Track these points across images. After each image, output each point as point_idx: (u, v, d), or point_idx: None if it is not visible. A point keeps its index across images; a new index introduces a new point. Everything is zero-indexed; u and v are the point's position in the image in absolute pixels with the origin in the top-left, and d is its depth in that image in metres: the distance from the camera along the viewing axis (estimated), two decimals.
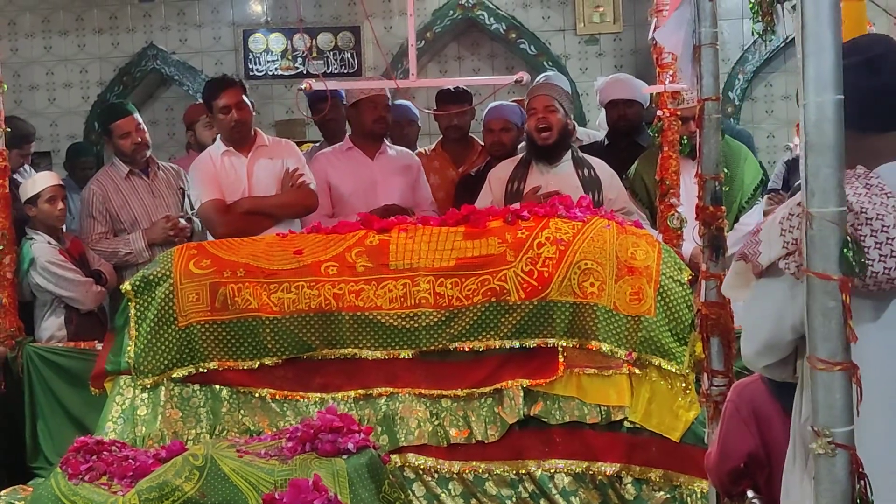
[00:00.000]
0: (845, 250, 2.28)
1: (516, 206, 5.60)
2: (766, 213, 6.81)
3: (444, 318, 5.15)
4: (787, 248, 2.66)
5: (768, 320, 2.72)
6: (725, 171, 4.55)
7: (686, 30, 4.24)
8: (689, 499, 5.01)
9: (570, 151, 6.45)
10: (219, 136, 6.72)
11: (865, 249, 2.51)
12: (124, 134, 6.83)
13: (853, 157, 2.57)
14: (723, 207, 4.37)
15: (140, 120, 6.93)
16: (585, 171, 6.38)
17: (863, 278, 2.49)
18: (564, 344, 5.12)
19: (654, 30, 6.24)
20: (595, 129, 8.36)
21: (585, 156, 6.57)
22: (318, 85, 6.34)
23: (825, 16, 2.27)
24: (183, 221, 6.80)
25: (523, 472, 5.10)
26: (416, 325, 5.16)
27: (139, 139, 6.85)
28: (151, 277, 5.33)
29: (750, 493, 3.61)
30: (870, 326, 2.50)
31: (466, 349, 5.17)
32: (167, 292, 5.27)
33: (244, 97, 6.56)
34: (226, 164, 6.54)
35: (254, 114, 6.73)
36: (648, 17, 9.77)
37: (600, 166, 6.49)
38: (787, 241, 2.67)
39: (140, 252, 6.72)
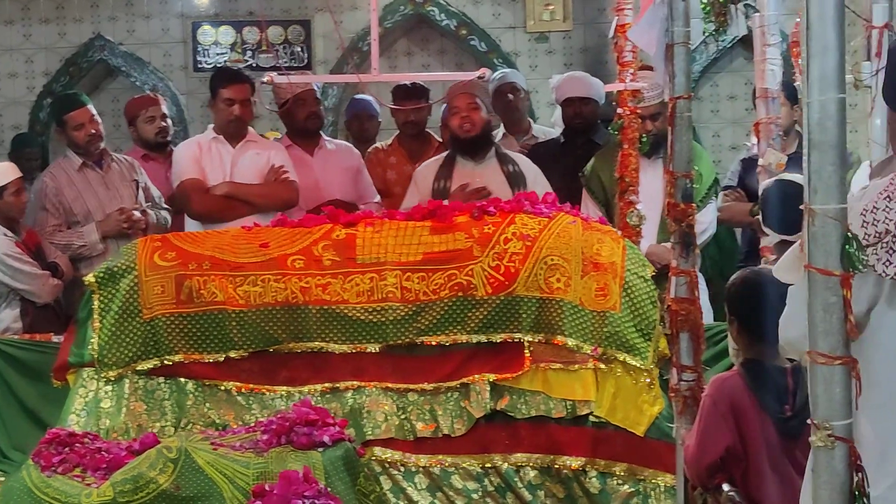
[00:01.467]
0: (847, 246, 2.32)
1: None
2: (721, 210, 6.90)
3: (410, 313, 5.16)
4: (867, 240, 2.68)
5: None
6: (696, 168, 4.62)
7: (659, 28, 4.28)
8: (652, 492, 5.06)
9: (493, 148, 6.51)
10: (210, 125, 6.73)
11: None
12: (78, 125, 6.79)
13: None
14: (693, 204, 4.42)
15: (94, 111, 6.89)
16: (510, 167, 6.44)
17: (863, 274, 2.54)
18: (531, 339, 5.15)
19: (615, 27, 6.29)
20: (549, 126, 8.38)
21: (509, 152, 6.66)
22: (279, 78, 6.36)
23: (829, 17, 2.30)
24: (137, 214, 6.76)
25: (489, 465, 5.12)
26: (382, 318, 5.17)
27: (93, 131, 6.81)
28: (115, 269, 5.29)
29: (726, 487, 3.67)
30: None
31: (433, 343, 5.19)
32: (131, 284, 5.24)
33: (250, 96, 6.57)
34: (212, 149, 6.57)
35: (254, 115, 6.77)
36: (605, 14, 9.88)
37: (524, 163, 6.56)
38: (868, 234, 2.68)
39: (94, 245, 6.69)
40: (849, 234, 2.32)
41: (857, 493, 2.36)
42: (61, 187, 6.74)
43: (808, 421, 2.37)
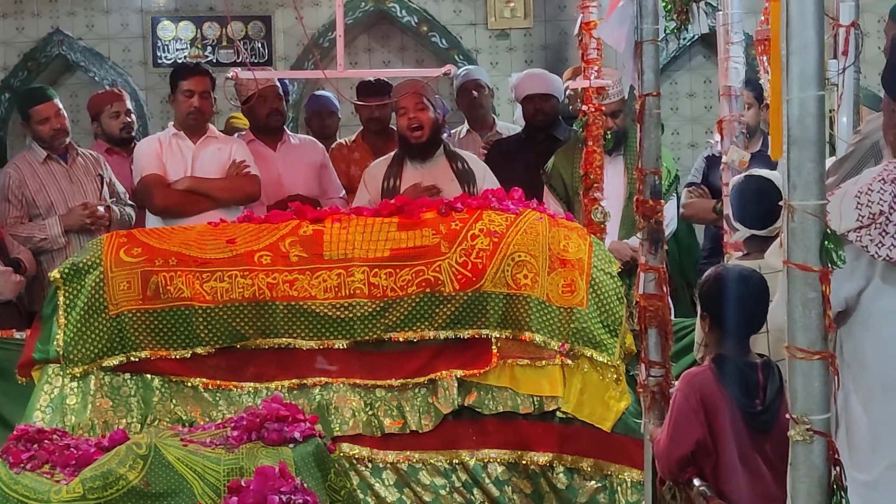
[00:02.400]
0: (826, 242, 2.34)
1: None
2: (685, 207, 6.94)
3: (378, 309, 5.16)
4: (861, 221, 2.71)
5: None
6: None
7: (629, 26, 4.30)
8: (619, 488, 5.09)
9: (442, 146, 6.53)
10: (171, 121, 6.75)
11: None
12: (43, 119, 6.79)
13: None
14: (662, 201, 4.45)
15: (60, 106, 6.89)
16: (459, 165, 6.46)
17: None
18: (498, 335, 5.16)
19: (580, 25, 6.33)
20: (511, 123, 8.41)
21: (458, 150, 6.68)
22: (244, 74, 6.34)
23: (809, 14, 2.32)
24: (101, 209, 6.73)
25: (457, 461, 5.13)
26: (350, 315, 5.16)
27: (58, 125, 6.81)
28: (81, 265, 5.25)
29: (697, 482, 3.69)
30: None
31: (401, 339, 5.18)
32: (97, 280, 5.20)
33: (210, 89, 6.58)
34: (173, 145, 6.58)
35: (214, 111, 6.76)
36: (567, 12, 9.91)
37: (472, 160, 6.60)
38: (862, 215, 2.72)
39: (55, 238, 6.67)
40: (828, 230, 2.34)
41: (835, 486, 2.39)
42: (25, 179, 6.72)
43: (787, 415, 2.40)
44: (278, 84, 7.13)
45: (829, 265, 2.35)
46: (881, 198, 2.73)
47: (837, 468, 2.39)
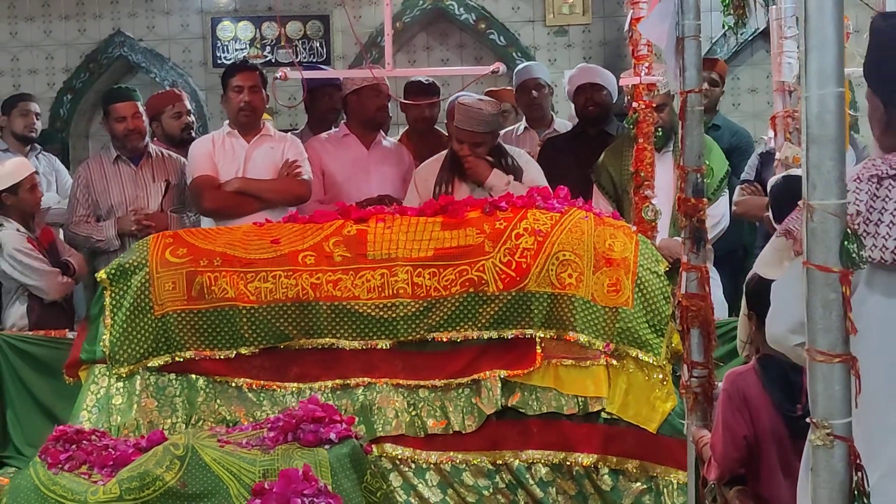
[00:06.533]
0: (846, 243, 2.28)
1: None
2: (737, 204, 6.84)
3: (422, 309, 5.15)
4: None
5: None
6: (707, 162, 4.59)
7: (670, 22, 4.25)
8: (665, 489, 5.03)
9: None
10: (226, 120, 6.73)
11: None
12: (120, 118, 6.84)
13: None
14: (704, 199, 4.39)
15: (140, 108, 6.91)
16: (505, 161, 6.29)
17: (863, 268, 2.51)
18: (542, 335, 5.13)
19: (630, 21, 6.26)
20: (567, 121, 8.34)
21: (503, 145, 6.49)
22: (293, 74, 6.34)
23: (828, 11, 2.27)
24: (153, 212, 6.73)
25: (500, 462, 5.11)
26: (394, 315, 5.15)
27: (133, 126, 6.83)
28: (127, 266, 5.29)
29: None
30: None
31: (444, 340, 5.17)
32: (143, 281, 5.24)
33: (259, 84, 6.56)
34: (226, 144, 6.55)
35: (266, 105, 6.73)
36: (624, 8, 9.83)
37: (518, 154, 6.46)
38: None
39: (110, 240, 6.70)
40: (848, 230, 2.29)
41: (856, 492, 2.33)
42: (92, 179, 6.79)
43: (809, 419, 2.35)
44: (387, 82, 7.08)
45: (850, 266, 2.29)
46: (857, 197, 2.67)
47: (859, 473, 2.33)
